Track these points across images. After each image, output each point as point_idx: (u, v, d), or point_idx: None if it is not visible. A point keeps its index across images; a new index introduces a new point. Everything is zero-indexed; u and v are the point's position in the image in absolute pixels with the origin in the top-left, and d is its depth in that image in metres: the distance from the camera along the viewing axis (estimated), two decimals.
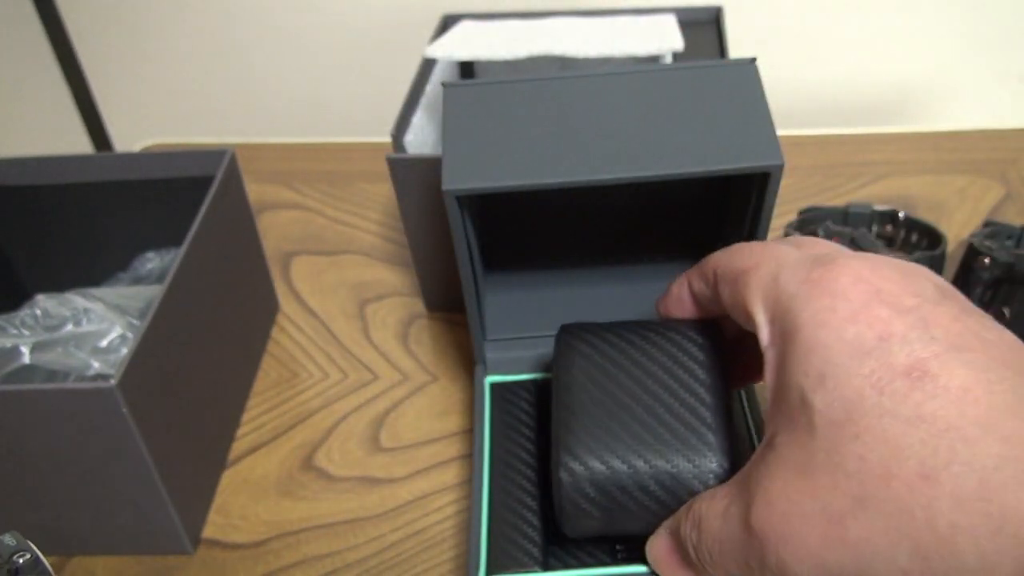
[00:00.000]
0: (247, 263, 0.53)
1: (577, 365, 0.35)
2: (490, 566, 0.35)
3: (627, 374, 0.34)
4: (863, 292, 0.26)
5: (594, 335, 0.36)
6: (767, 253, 0.30)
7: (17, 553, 0.32)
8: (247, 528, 0.44)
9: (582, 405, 0.34)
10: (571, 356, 0.35)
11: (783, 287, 0.28)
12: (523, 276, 0.48)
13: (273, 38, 0.97)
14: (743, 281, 0.30)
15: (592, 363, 0.35)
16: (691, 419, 0.33)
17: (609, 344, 0.35)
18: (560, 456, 0.33)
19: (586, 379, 0.34)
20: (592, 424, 0.33)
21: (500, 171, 0.35)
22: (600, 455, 0.33)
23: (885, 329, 0.25)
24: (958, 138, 0.69)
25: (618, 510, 0.33)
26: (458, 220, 0.36)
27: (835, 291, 0.26)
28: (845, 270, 0.27)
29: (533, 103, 0.36)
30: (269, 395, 0.52)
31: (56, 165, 0.51)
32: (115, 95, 1.05)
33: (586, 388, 0.34)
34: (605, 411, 0.33)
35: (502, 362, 0.43)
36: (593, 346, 0.35)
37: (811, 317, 0.26)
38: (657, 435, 0.33)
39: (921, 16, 0.87)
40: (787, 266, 0.28)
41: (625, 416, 0.33)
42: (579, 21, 0.59)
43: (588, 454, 0.33)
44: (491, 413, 0.41)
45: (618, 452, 0.33)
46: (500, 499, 0.38)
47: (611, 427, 0.33)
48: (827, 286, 0.26)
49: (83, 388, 0.36)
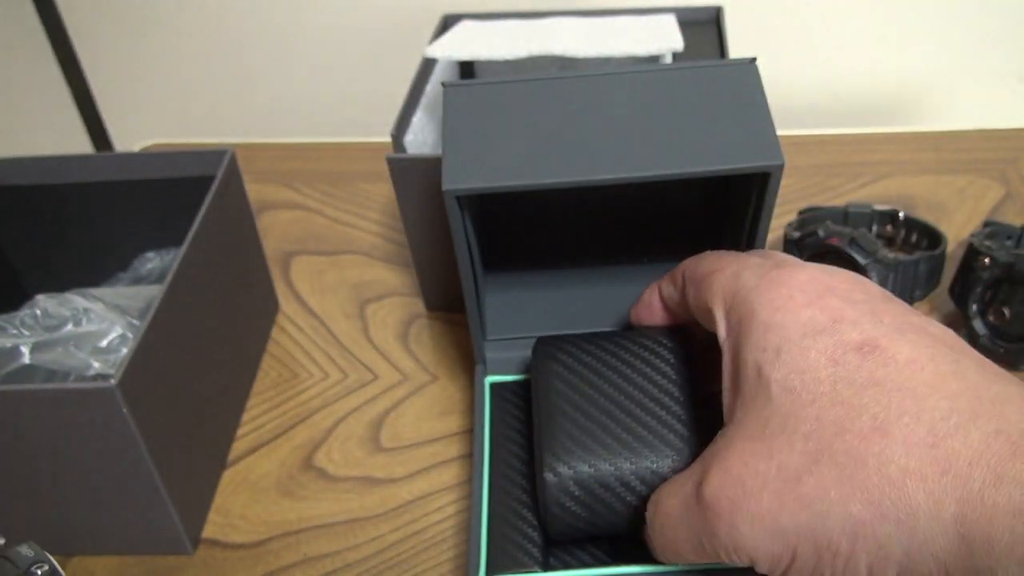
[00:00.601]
0: (247, 263, 0.53)
1: (555, 373, 0.36)
2: (490, 566, 0.35)
3: (603, 379, 0.36)
4: (817, 286, 0.28)
5: (569, 345, 0.37)
6: (732, 258, 0.32)
7: (36, 564, 0.32)
8: (247, 528, 0.44)
9: (562, 411, 0.35)
10: (549, 365, 0.36)
11: (743, 283, 0.30)
12: (523, 276, 0.48)
13: (273, 38, 0.97)
14: (707, 283, 0.32)
15: (569, 371, 0.36)
16: (668, 418, 0.34)
17: (584, 352, 0.37)
18: (544, 458, 0.34)
19: (564, 386, 0.36)
20: (573, 428, 0.34)
21: (500, 171, 0.35)
22: (583, 456, 0.34)
23: (837, 314, 0.27)
24: (958, 138, 0.69)
25: (603, 509, 0.34)
26: (458, 220, 0.36)
27: (791, 284, 0.28)
28: (802, 270, 0.29)
29: (533, 103, 0.36)
30: (269, 395, 0.52)
31: (56, 165, 0.51)
32: (115, 95, 1.05)
33: (565, 395, 0.35)
34: (584, 415, 0.35)
35: (502, 362, 0.43)
36: (569, 355, 0.37)
37: (768, 303, 0.28)
38: (637, 435, 0.34)
39: (921, 16, 0.87)
40: (748, 267, 0.30)
41: (604, 419, 0.34)
42: (579, 21, 0.59)
43: (571, 455, 0.34)
44: (491, 413, 0.41)
45: (600, 453, 0.34)
46: (500, 499, 0.38)
47: (591, 429, 0.34)
48: (784, 280, 0.29)
49: (83, 388, 0.36)
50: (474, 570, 0.35)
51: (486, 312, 0.45)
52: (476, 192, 0.35)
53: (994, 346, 0.49)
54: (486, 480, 0.38)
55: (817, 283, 0.28)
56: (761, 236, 0.38)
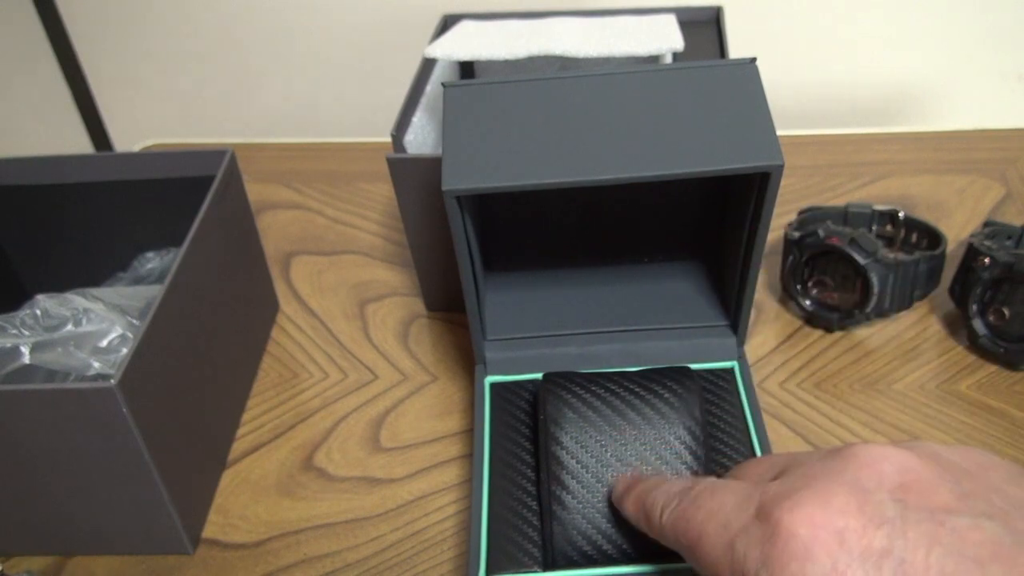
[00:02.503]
0: (247, 263, 0.53)
1: (567, 418, 0.36)
2: (490, 566, 0.35)
3: (613, 427, 0.36)
4: (826, 544, 0.24)
5: (578, 387, 0.38)
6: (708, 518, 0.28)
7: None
8: (247, 528, 0.44)
9: (575, 462, 0.36)
10: (560, 407, 0.37)
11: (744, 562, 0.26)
12: (523, 276, 0.48)
13: (273, 38, 0.97)
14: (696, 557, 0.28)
15: (580, 416, 0.36)
16: (678, 465, 0.35)
17: (594, 396, 0.37)
18: (552, 508, 0.35)
19: (577, 433, 0.36)
20: (583, 484, 0.35)
21: (500, 171, 0.35)
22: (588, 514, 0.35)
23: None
24: (958, 138, 0.69)
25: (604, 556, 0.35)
26: (458, 220, 0.36)
27: (798, 552, 0.24)
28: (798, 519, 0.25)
29: (533, 103, 0.36)
30: (269, 395, 0.52)
31: (56, 165, 0.51)
32: (115, 95, 1.05)
33: (578, 443, 0.36)
34: (596, 460, 0.36)
35: (502, 362, 0.43)
36: (580, 399, 0.37)
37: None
38: None
39: (921, 16, 0.87)
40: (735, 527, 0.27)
41: (616, 465, 0.35)
42: (579, 21, 0.59)
43: (579, 505, 0.35)
44: (491, 413, 0.41)
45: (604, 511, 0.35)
46: (500, 499, 0.38)
47: (604, 479, 0.35)
48: (788, 548, 0.25)
49: (83, 388, 0.36)
50: (474, 570, 0.35)
51: (486, 312, 0.45)
52: (476, 192, 0.35)
53: (994, 346, 0.49)
54: (486, 480, 0.38)
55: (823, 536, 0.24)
56: (761, 236, 0.38)
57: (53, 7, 0.97)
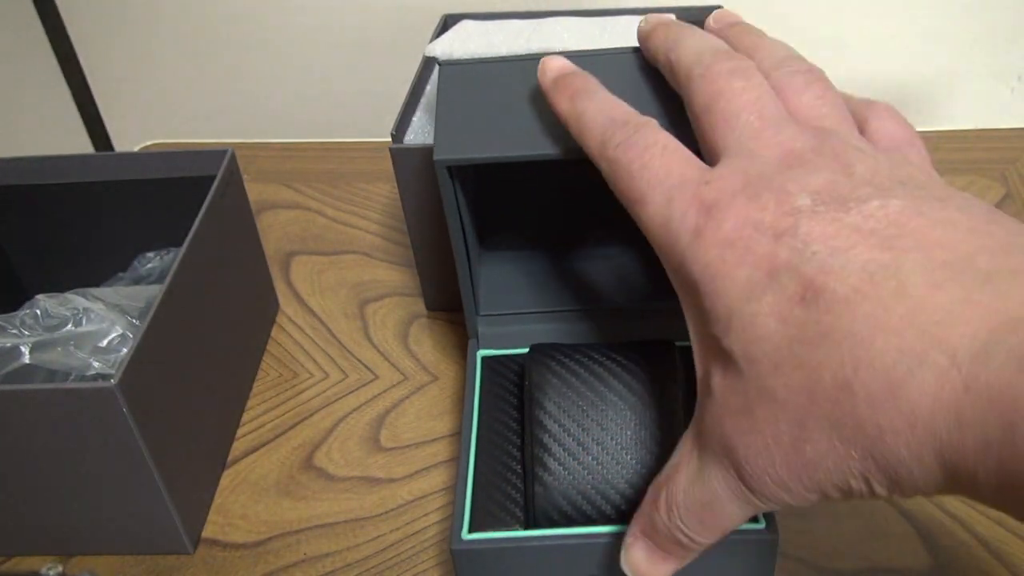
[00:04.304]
0: (247, 263, 0.53)
1: (550, 384, 0.37)
2: (474, 524, 0.36)
3: (595, 393, 0.36)
4: (743, 231, 0.26)
5: (563, 355, 0.38)
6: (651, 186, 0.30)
7: None
8: (247, 528, 0.44)
9: (558, 426, 0.36)
10: (544, 374, 0.37)
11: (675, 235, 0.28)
12: (517, 254, 0.48)
13: (273, 38, 0.97)
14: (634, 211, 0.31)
15: (563, 383, 0.37)
16: (660, 433, 0.35)
17: (578, 364, 0.37)
18: (535, 470, 0.35)
19: (560, 399, 0.36)
20: (565, 448, 0.35)
21: (492, 143, 0.35)
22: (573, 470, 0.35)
23: (771, 263, 0.25)
24: (957, 138, 0.69)
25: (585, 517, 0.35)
26: (450, 192, 0.37)
27: (719, 239, 0.27)
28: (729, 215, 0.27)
29: (528, 79, 0.37)
30: (269, 395, 0.52)
31: (56, 165, 0.51)
32: (115, 95, 1.05)
33: (561, 409, 0.36)
34: (578, 425, 0.36)
35: (494, 337, 0.44)
36: (564, 366, 0.37)
37: (703, 269, 0.27)
38: (628, 446, 0.35)
39: (921, 16, 0.87)
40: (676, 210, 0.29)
41: (596, 431, 0.35)
42: (579, 21, 0.59)
43: (561, 468, 0.35)
44: (481, 384, 0.42)
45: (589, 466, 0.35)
46: (486, 463, 0.38)
47: (585, 443, 0.35)
48: (712, 237, 0.27)
49: (83, 388, 0.36)
50: (458, 527, 0.35)
51: (480, 289, 0.45)
52: (467, 163, 0.35)
53: None
54: (473, 445, 0.39)
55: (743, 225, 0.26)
56: None
57: (53, 7, 0.97)
